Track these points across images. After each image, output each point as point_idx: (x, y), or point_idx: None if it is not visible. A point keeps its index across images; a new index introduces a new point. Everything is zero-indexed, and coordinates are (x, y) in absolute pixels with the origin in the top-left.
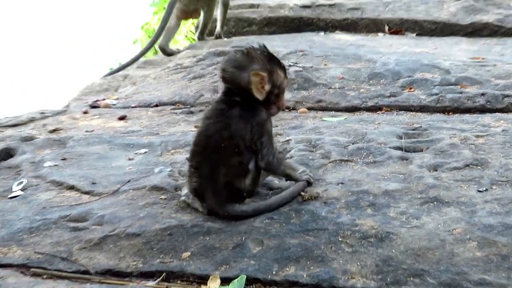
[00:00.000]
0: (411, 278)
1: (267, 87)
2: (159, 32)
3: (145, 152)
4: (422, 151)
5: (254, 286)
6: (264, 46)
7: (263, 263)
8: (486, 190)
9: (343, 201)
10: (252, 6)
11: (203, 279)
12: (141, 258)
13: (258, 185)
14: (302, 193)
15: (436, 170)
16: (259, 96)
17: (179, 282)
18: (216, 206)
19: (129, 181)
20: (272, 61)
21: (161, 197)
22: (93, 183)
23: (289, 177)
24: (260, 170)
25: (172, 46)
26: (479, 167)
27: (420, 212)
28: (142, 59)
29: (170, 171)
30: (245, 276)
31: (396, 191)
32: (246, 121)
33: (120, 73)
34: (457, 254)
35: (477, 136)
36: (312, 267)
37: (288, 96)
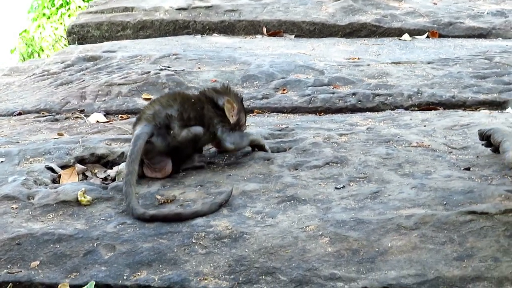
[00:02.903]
0: (263, 276)
1: (235, 118)
2: None
3: (2, 161)
4: (285, 151)
5: None
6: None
7: (114, 268)
8: (343, 187)
9: (199, 202)
10: (126, 9)
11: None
12: None
13: (186, 152)
14: (158, 197)
15: (296, 169)
16: (231, 119)
17: None
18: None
19: None
20: (242, 105)
21: (12, 206)
22: None
23: (257, 145)
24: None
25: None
26: (338, 165)
27: (276, 211)
28: (8, 65)
29: (24, 179)
30: (94, 283)
31: (254, 191)
32: (216, 115)
33: None
34: (309, 251)
35: (341, 135)
36: (164, 271)
37: None
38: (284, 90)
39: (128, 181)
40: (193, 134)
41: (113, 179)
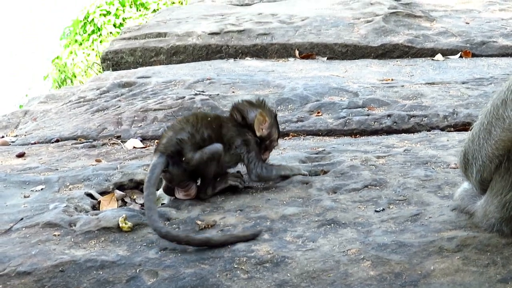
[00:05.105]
0: None
1: (265, 131)
2: None
3: (42, 189)
4: (325, 173)
5: None
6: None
7: None
8: (383, 209)
9: (240, 227)
10: (159, 35)
11: None
12: None
13: (207, 181)
14: (198, 222)
15: (335, 193)
16: (258, 132)
17: None
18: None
19: (22, 219)
20: (276, 120)
21: (54, 233)
22: None
23: (286, 177)
24: (212, 166)
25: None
26: (377, 188)
27: (316, 234)
28: (44, 93)
29: (65, 206)
30: None
31: (294, 215)
32: (239, 133)
33: (20, 109)
34: (351, 275)
35: (378, 157)
36: None
37: None
38: (318, 112)
39: (149, 199)
40: (210, 153)
41: None
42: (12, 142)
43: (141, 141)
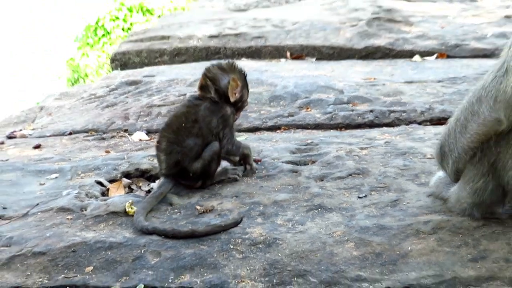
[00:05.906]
0: (295, 278)
1: (238, 95)
2: None
3: (56, 177)
4: (313, 163)
5: None
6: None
7: (160, 272)
8: (366, 196)
9: (236, 212)
10: (163, 37)
11: None
12: (46, 275)
13: (211, 176)
14: (198, 207)
15: (322, 180)
16: (232, 98)
17: None
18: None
19: (37, 204)
20: (246, 82)
21: (67, 217)
22: (4, 208)
23: (246, 156)
24: (214, 164)
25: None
26: (360, 176)
27: (305, 218)
28: (58, 91)
29: (77, 193)
30: (142, 285)
31: (285, 200)
32: (213, 112)
33: (37, 105)
34: (336, 254)
35: (362, 148)
36: (205, 274)
37: None
38: (307, 108)
39: (142, 206)
40: (209, 156)
41: None
42: (30, 135)
43: (146, 134)
